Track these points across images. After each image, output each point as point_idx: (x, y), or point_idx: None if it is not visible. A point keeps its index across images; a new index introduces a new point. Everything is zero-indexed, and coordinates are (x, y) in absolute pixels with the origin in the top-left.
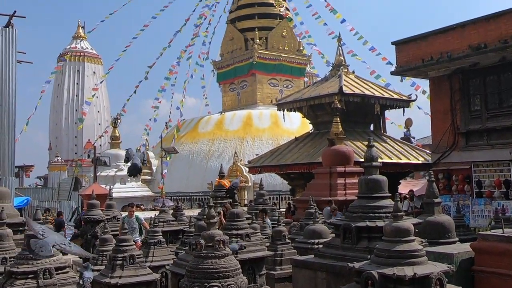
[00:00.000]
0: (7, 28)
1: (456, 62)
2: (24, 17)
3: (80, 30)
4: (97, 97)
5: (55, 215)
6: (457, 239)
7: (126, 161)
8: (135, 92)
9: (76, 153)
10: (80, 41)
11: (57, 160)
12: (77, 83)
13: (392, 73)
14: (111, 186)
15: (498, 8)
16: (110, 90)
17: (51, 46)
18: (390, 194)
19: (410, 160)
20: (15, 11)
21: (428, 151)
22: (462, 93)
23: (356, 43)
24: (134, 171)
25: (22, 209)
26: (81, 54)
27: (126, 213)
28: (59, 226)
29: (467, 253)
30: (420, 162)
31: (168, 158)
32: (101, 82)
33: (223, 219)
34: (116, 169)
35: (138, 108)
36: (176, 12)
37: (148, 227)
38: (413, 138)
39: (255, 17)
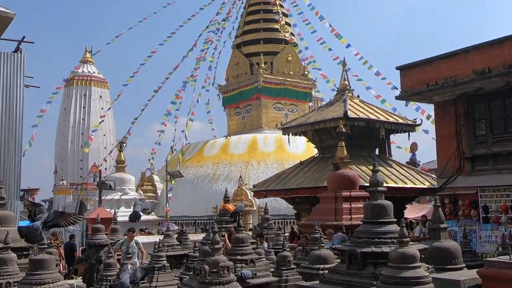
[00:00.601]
0: (16, 53)
1: (460, 87)
2: (33, 43)
3: (88, 55)
4: (103, 120)
5: (61, 240)
6: (464, 265)
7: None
8: (140, 115)
9: (81, 177)
10: (87, 65)
11: (63, 183)
12: (83, 107)
13: (396, 97)
14: (116, 210)
15: (502, 34)
16: (116, 114)
17: (58, 70)
18: (395, 219)
19: (415, 184)
20: (23, 37)
21: (434, 176)
22: (467, 118)
23: (361, 68)
24: (134, 218)
25: None
26: (88, 78)
27: (125, 238)
28: (71, 250)
29: (474, 279)
30: (426, 186)
31: (172, 182)
32: (108, 109)
33: (228, 242)
34: (121, 193)
35: (144, 131)
36: (182, 37)
37: (145, 252)
38: (419, 162)
39: (261, 42)
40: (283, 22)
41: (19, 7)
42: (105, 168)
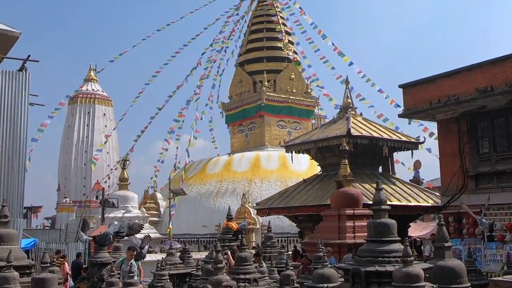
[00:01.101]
0: (21, 72)
1: (463, 105)
2: (38, 61)
3: (92, 73)
4: (107, 140)
5: (62, 256)
6: (468, 284)
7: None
8: (143, 132)
9: (84, 194)
10: (91, 83)
11: (66, 201)
12: (87, 125)
13: (399, 115)
14: None
15: (504, 52)
16: (119, 131)
17: (63, 88)
18: (399, 238)
19: (419, 202)
20: (29, 56)
21: (437, 193)
22: (470, 136)
23: (364, 86)
24: (101, 241)
25: (29, 251)
26: (92, 96)
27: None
28: (78, 268)
29: None
30: (430, 204)
31: (175, 200)
32: (113, 129)
33: (231, 259)
34: (124, 211)
35: (147, 149)
36: (185, 54)
37: (142, 270)
38: (423, 180)
39: (264, 60)
40: (286, 41)
41: (25, 25)
42: (108, 186)
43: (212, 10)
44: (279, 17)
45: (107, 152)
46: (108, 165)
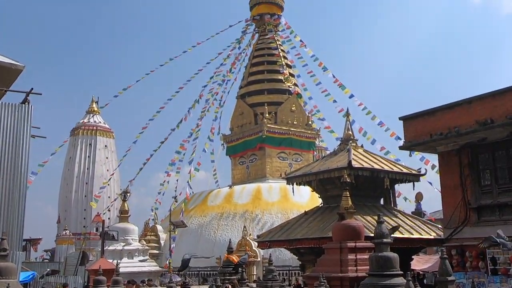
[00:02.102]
0: (23, 105)
1: (464, 137)
2: (41, 94)
3: (94, 105)
4: (107, 170)
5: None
6: None
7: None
8: (145, 164)
9: (84, 226)
10: (93, 116)
11: (65, 233)
12: (88, 156)
13: (400, 147)
14: (119, 261)
15: (503, 85)
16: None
17: (65, 119)
18: (402, 272)
19: (422, 235)
20: (31, 88)
21: (440, 226)
22: (471, 168)
23: (365, 118)
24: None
25: (28, 284)
26: (94, 128)
27: None
28: None
29: None
30: (432, 237)
31: (175, 232)
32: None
33: None
34: (124, 243)
35: (148, 181)
36: (187, 87)
37: None
38: (425, 212)
39: (265, 92)
40: (287, 74)
41: (28, 57)
42: (108, 218)
43: (215, 43)
44: (280, 50)
45: (108, 184)
46: (109, 197)
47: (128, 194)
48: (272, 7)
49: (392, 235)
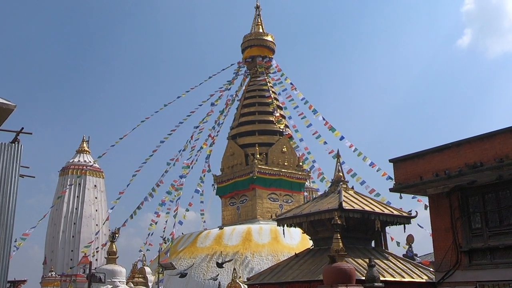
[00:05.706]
0: (13, 144)
1: (454, 180)
2: (31, 133)
3: (84, 145)
4: (96, 210)
5: None
6: None
7: None
8: (138, 207)
9: (71, 268)
10: (83, 155)
11: (51, 274)
12: (77, 196)
13: (391, 190)
14: None
15: (491, 128)
16: (109, 202)
17: (54, 158)
18: None
19: (413, 278)
20: (22, 128)
21: (431, 269)
22: (462, 211)
23: (356, 159)
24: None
25: None
26: (83, 167)
27: None
28: None
29: None
30: (424, 280)
31: (163, 275)
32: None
33: None
34: (111, 286)
35: (137, 221)
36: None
37: None
38: (416, 255)
39: (256, 133)
40: (278, 115)
41: (19, 96)
42: (96, 259)
43: (207, 85)
44: (271, 92)
45: (96, 224)
46: (97, 237)
47: (117, 235)
48: (263, 49)
49: (383, 279)
